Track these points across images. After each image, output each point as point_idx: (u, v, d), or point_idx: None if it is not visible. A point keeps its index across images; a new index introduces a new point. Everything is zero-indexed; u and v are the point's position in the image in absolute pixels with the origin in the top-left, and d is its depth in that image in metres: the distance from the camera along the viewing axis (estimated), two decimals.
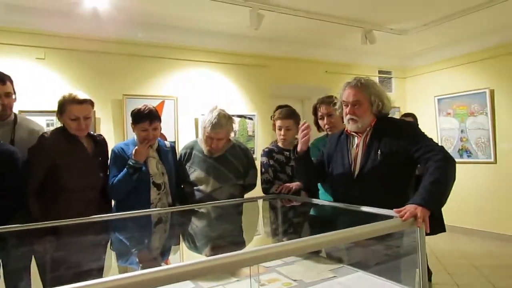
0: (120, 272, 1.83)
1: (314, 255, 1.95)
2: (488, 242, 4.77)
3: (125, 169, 2.11)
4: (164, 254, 2.09)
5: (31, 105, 3.51)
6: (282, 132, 2.53)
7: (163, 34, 4.22)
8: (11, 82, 2.18)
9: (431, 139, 1.80)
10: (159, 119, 2.25)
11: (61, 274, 1.64)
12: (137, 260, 1.93)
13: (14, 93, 2.20)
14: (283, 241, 2.20)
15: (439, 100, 5.57)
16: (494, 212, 4.94)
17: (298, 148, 2.00)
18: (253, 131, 4.79)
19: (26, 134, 2.15)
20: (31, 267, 1.69)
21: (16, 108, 3.26)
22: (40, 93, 3.58)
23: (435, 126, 5.49)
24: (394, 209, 1.48)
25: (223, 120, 2.25)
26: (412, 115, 3.76)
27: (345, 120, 1.95)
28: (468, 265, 3.94)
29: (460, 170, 1.71)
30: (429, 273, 2.96)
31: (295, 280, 1.65)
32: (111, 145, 2.33)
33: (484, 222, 5.04)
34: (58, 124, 2.15)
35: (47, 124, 3.54)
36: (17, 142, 2.08)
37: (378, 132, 1.86)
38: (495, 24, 4.59)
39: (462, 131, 5.29)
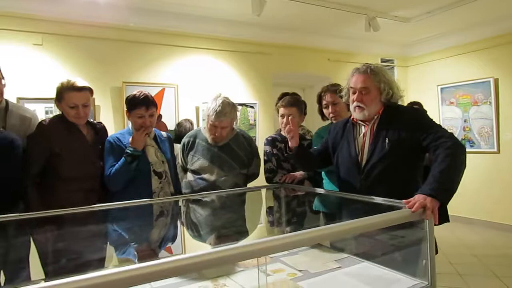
0: (121, 263, 1.81)
1: (318, 245, 1.92)
2: (490, 232, 4.77)
3: (123, 158, 2.04)
4: (167, 244, 2.07)
5: (29, 92, 3.45)
6: (284, 120, 2.49)
7: (164, 20, 4.14)
8: None
9: (440, 126, 1.74)
10: (156, 105, 2.19)
11: (62, 265, 1.62)
12: (140, 250, 1.90)
13: (3, 78, 2.11)
14: (287, 231, 2.18)
15: (442, 89, 5.52)
16: (496, 202, 4.93)
17: (290, 145, 1.96)
18: (255, 120, 4.75)
19: (17, 121, 2.06)
20: (29, 256, 1.66)
21: (14, 95, 3.24)
22: (38, 80, 3.52)
23: (438, 116, 5.45)
24: (403, 200, 1.44)
25: (227, 108, 2.21)
26: (418, 104, 3.72)
27: (351, 107, 1.89)
28: (469, 255, 3.95)
29: None
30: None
31: (300, 271, 1.63)
32: (111, 134, 2.28)
33: (486, 212, 5.04)
34: (57, 112, 2.10)
35: (46, 111, 3.49)
36: (9, 129, 2.02)
37: (386, 120, 1.81)
38: (500, 12, 4.51)
39: (465, 121, 5.24)
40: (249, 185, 2.48)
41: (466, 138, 5.21)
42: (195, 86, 4.37)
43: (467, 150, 1.65)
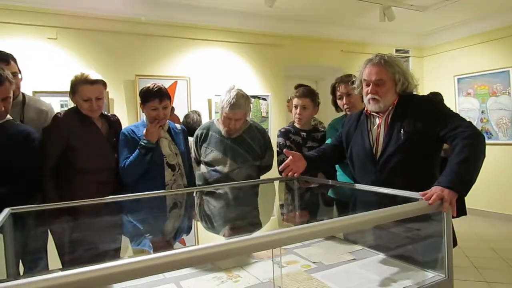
0: (136, 253, 1.83)
1: (332, 237, 1.91)
2: (508, 225, 4.68)
3: (137, 150, 2.05)
4: (181, 235, 2.08)
5: (44, 86, 3.50)
6: (297, 111, 2.47)
7: (175, 13, 4.13)
8: (15, 61, 2.11)
9: (457, 115, 1.69)
10: (169, 97, 2.19)
11: (78, 255, 1.64)
12: (154, 241, 1.92)
13: (20, 72, 2.13)
14: (300, 223, 2.17)
15: (459, 79, 5.40)
16: None
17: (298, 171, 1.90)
18: (267, 112, 4.73)
19: (35, 114, 2.10)
20: (47, 247, 1.69)
21: (30, 89, 3.29)
22: (53, 73, 3.56)
23: (454, 107, 5.33)
24: (419, 192, 1.41)
25: (241, 100, 2.20)
26: (439, 95, 3.65)
27: (365, 100, 1.84)
28: (487, 248, 3.88)
29: None
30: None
31: (314, 262, 1.62)
32: (125, 126, 2.29)
33: (503, 204, 4.94)
34: (72, 105, 2.12)
35: (61, 105, 3.54)
36: (26, 123, 2.05)
37: (401, 110, 1.76)
38: None
39: (482, 112, 5.12)
40: (262, 177, 2.47)
41: (483, 129, 5.09)
42: (207, 78, 4.37)
43: (486, 142, 1.60)
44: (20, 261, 1.64)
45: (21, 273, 1.58)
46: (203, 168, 2.36)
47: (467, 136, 1.52)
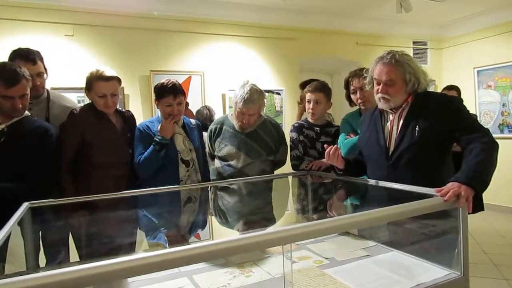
0: (151, 247, 1.86)
1: (345, 232, 1.89)
2: None
3: (152, 146, 2.08)
4: (195, 230, 2.11)
5: (62, 82, 3.56)
6: (311, 106, 2.46)
7: (189, 7, 4.14)
8: (42, 59, 2.15)
9: (476, 120, 1.72)
10: (183, 93, 2.20)
11: (96, 248, 1.68)
12: (169, 235, 1.95)
13: (46, 71, 2.18)
14: (314, 218, 2.16)
15: (478, 72, 5.25)
16: None
17: (338, 165, 1.90)
18: (281, 107, 4.71)
19: (60, 111, 2.15)
20: (68, 240, 1.74)
21: (48, 86, 3.35)
22: (70, 70, 3.63)
23: (474, 100, 5.19)
24: (435, 188, 1.39)
25: (255, 95, 2.20)
26: (455, 88, 3.53)
27: (376, 98, 1.84)
28: (505, 244, 3.79)
29: (500, 146, 1.61)
30: None
31: (326, 258, 1.61)
32: (140, 122, 2.32)
33: None
34: (88, 101, 2.16)
35: (78, 101, 3.59)
36: (52, 120, 2.10)
37: (417, 107, 1.74)
38: None
39: (503, 105, 4.97)
40: (276, 172, 2.47)
41: (504, 123, 4.94)
42: (221, 73, 4.37)
43: (506, 135, 1.59)
44: (43, 253, 1.69)
45: (43, 265, 1.63)
46: (217, 162, 2.38)
47: (485, 142, 1.53)
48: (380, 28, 5.26)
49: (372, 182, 1.84)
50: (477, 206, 2.54)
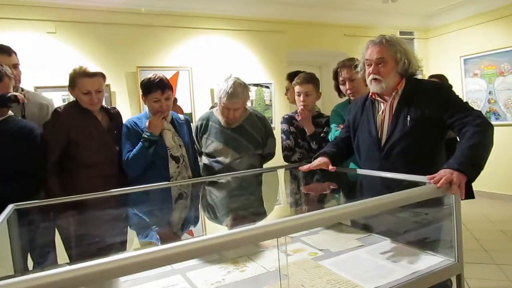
0: (143, 245, 1.83)
1: (339, 224, 1.89)
2: None
3: (140, 142, 2.04)
4: (186, 226, 2.08)
5: (46, 81, 3.48)
6: (301, 98, 2.43)
7: (175, 2, 4.08)
8: (15, 53, 2.13)
9: (467, 103, 1.68)
10: (171, 88, 2.16)
11: (85, 249, 1.64)
12: (159, 233, 1.92)
13: (19, 64, 2.15)
14: (306, 210, 2.15)
15: (465, 60, 5.30)
16: None
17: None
18: (270, 100, 4.68)
19: (36, 109, 2.11)
20: (55, 241, 1.69)
21: (31, 84, 3.28)
22: (54, 68, 3.54)
23: (461, 88, 5.25)
24: (427, 176, 1.39)
25: (239, 89, 2.16)
26: (440, 76, 3.54)
27: (367, 81, 1.82)
28: (496, 230, 3.85)
29: None
30: None
31: (321, 250, 1.60)
32: (127, 119, 2.28)
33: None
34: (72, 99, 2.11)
35: (63, 99, 3.53)
36: (28, 118, 2.05)
37: (407, 96, 1.73)
38: None
39: (490, 93, 5.04)
40: (265, 165, 2.45)
41: (491, 110, 5.01)
42: (209, 68, 4.33)
43: (493, 122, 1.59)
44: (29, 256, 1.64)
45: (30, 268, 1.59)
46: (204, 159, 2.34)
47: (478, 124, 1.52)
48: (367, 19, 5.27)
49: (364, 172, 1.83)
50: (468, 193, 2.55)
